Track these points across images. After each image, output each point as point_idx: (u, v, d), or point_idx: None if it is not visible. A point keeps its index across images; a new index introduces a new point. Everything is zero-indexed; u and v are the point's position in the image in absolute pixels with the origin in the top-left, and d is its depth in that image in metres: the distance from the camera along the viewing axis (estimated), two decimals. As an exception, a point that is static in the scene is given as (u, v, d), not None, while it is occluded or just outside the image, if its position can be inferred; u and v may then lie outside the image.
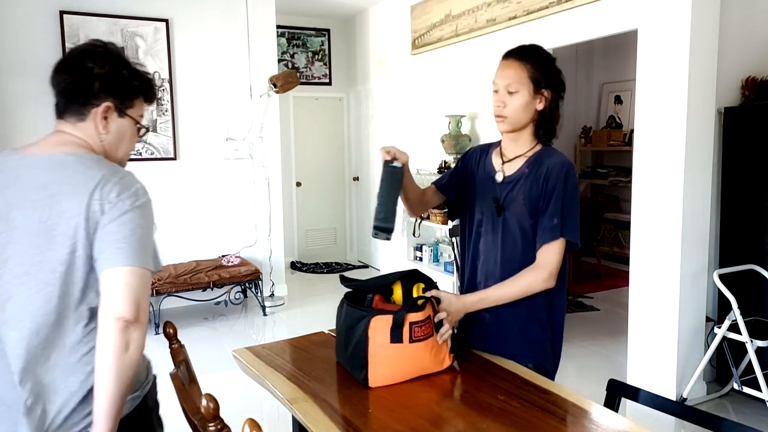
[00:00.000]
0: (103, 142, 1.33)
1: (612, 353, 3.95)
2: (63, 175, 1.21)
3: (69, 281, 1.19)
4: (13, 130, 4.60)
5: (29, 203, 1.20)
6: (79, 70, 1.28)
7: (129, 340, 1.17)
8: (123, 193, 1.21)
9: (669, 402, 1.53)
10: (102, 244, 1.19)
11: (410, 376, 1.51)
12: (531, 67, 1.60)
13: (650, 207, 3.26)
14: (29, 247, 1.19)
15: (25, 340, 1.18)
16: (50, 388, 1.19)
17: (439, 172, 4.81)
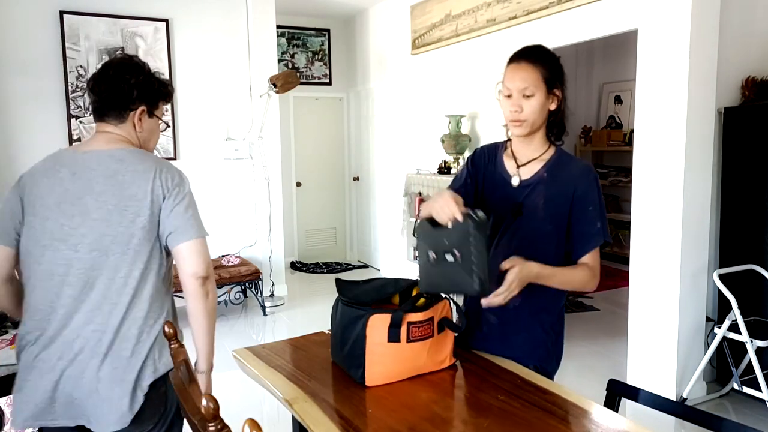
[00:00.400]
0: (140, 138, 1.66)
1: (612, 353, 3.95)
2: (124, 166, 1.53)
3: (139, 250, 1.51)
4: (13, 130, 4.61)
5: (99, 189, 1.50)
6: (120, 81, 1.57)
7: (207, 290, 1.57)
8: (176, 180, 1.57)
9: (669, 402, 1.53)
10: (173, 222, 1.53)
11: (406, 376, 1.51)
12: (543, 68, 1.58)
13: (650, 207, 3.26)
14: (104, 225, 1.48)
15: (105, 301, 1.49)
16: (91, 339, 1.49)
17: (440, 172, 4.81)
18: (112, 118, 1.60)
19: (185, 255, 1.54)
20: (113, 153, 1.55)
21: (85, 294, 1.48)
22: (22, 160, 4.65)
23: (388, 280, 1.65)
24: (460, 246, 1.36)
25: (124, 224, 1.49)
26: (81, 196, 1.50)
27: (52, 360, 1.47)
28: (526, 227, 1.63)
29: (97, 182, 1.51)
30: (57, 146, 5.01)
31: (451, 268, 1.38)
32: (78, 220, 1.49)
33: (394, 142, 6.10)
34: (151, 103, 1.65)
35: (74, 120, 4.77)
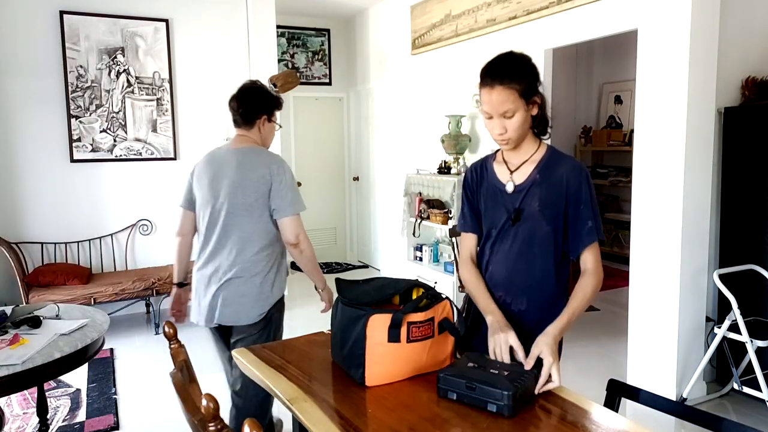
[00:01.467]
0: (262, 138, 2.42)
1: (612, 353, 3.95)
2: (247, 159, 2.29)
3: (254, 213, 2.25)
4: (13, 130, 4.61)
5: (231, 173, 2.26)
6: (250, 101, 2.37)
7: (300, 250, 2.31)
8: (281, 168, 2.28)
9: (669, 402, 1.53)
10: (278, 201, 2.25)
11: (406, 376, 1.51)
12: (517, 85, 1.55)
13: (650, 207, 3.26)
14: (233, 197, 2.25)
15: (236, 244, 2.26)
16: (230, 273, 2.26)
17: (440, 172, 4.81)
18: (245, 125, 2.38)
19: (282, 228, 2.28)
20: (242, 150, 2.32)
21: (225, 239, 2.27)
22: (23, 160, 4.65)
23: (388, 280, 1.65)
24: (512, 372, 1.42)
25: (246, 197, 2.23)
26: (221, 178, 2.28)
27: (208, 281, 2.28)
28: (525, 231, 1.64)
29: (230, 169, 2.27)
30: (57, 146, 5.02)
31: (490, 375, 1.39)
32: (220, 193, 2.27)
33: (394, 142, 6.10)
34: (269, 112, 2.40)
35: (74, 120, 4.77)
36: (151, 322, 4.74)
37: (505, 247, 1.67)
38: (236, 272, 2.24)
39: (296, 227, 2.26)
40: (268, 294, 2.27)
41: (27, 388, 2.17)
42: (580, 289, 1.61)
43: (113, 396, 3.41)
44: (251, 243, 2.25)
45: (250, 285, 2.24)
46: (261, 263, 2.26)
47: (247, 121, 2.36)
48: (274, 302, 2.29)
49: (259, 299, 2.26)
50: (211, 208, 2.29)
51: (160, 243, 5.17)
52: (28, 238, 4.70)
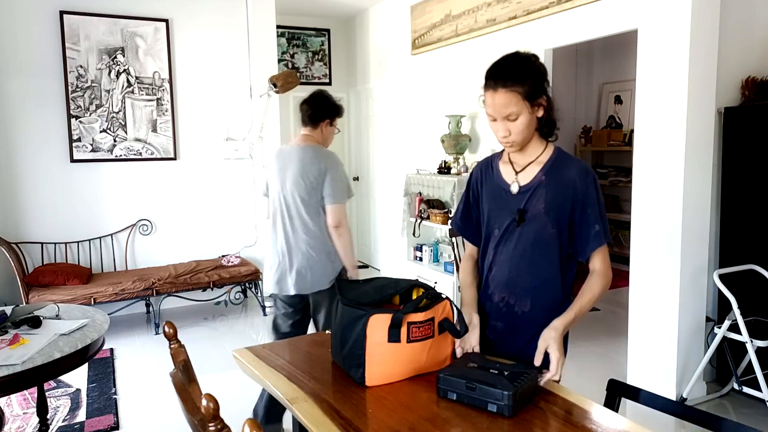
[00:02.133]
0: (323, 138, 2.83)
1: (612, 353, 3.95)
2: (307, 154, 2.71)
3: (311, 200, 2.68)
4: (13, 130, 4.61)
5: (295, 166, 2.70)
6: (319, 106, 2.84)
7: (339, 233, 2.71)
8: (334, 164, 2.72)
9: (669, 402, 1.53)
10: (326, 191, 2.67)
11: (406, 376, 1.51)
12: (520, 87, 1.53)
13: (650, 207, 3.26)
14: (295, 186, 2.69)
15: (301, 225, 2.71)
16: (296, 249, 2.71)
17: (439, 172, 4.81)
18: (310, 126, 2.81)
19: (327, 213, 2.70)
20: (303, 147, 2.74)
21: (290, 222, 2.72)
22: (23, 160, 4.65)
23: (388, 280, 1.65)
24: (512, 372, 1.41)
25: (304, 186, 2.67)
26: (286, 170, 2.73)
27: (282, 261, 2.73)
28: (530, 232, 1.63)
29: (293, 162, 2.71)
30: (57, 146, 5.03)
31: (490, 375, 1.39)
32: (285, 182, 2.72)
33: (394, 142, 6.10)
34: (332, 117, 2.84)
35: (74, 120, 4.77)
36: (151, 322, 4.74)
37: (509, 248, 1.66)
38: (305, 249, 2.68)
39: (338, 214, 2.69)
40: (333, 265, 2.71)
41: (27, 388, 2.16)
42: (587, 288, 1.61)
43: (113, 396, 3.41)
44: (313, 224, 2.69)
45: (318, 259, 2.68)
46: (323, 241, 2.70)
47: (314, 122, 2.80)
48: (338, 271, 2.73)
49: (326, 270, 2.69)
50: (278, 195, 2.77)
51: (160, 243, 5.17)
52: (28, 238, 4.70)
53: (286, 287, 2.72)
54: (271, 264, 2.78)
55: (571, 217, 1.62)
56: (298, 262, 2.68)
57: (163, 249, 5.18)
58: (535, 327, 1.64)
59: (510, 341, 1.67)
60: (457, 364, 1.49)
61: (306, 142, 2.77)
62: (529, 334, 1.65)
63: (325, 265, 2.69)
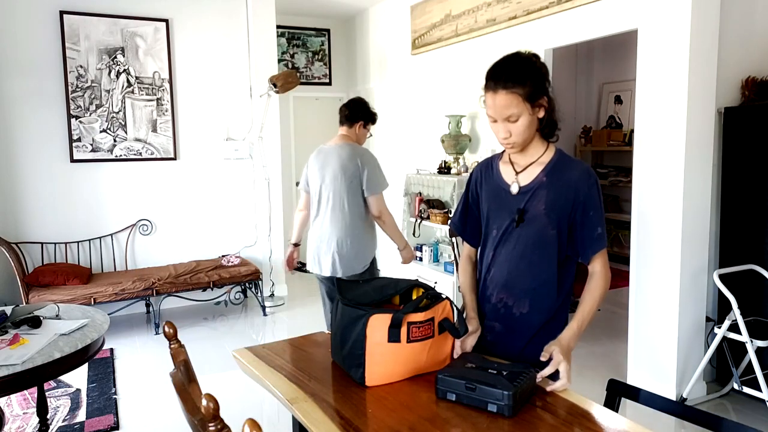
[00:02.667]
0: (357, 137, 3.17)
1: (612, 353, 3.95)
2: (344, 152, 3.03)
3: (349, 192, 3.01)
4: (13, 130, 4.61)
5: (332, 162, 3.03)
6: (356, 108, 3.15)
7: (383, 221, 3.12)
8: (369, 159, 3.07)
9: (669, 402, 1.52)
10: (366, 183, 2.99)
11: (406, 376, 1.51)
12: (521, 89, 1.52)
13: (650, 207, 3.26)
14: (334, 180, 3.01)
15: (339, 215, 3.03)
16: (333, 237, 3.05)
17: (440, 172, 4.81)
18: (347, 126, 3.15)
19: (369, 203, 3.06)
20: (341, 145, 3.07)
21: (331, 212, 3.04)
22: (23, 160, 4.65)
23: (388, 280, 1.65)
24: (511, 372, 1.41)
25: (343, 180, 2.99)
26: (325, 166, 3.06)
27: (321, 246, 3.07)
28: (529, 233, 1.62)
29: (332, 159, 3.05)
30: (57, 146, 5.04)
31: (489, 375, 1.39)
32: (325, 177, 3.05)
33: (394, 142, 6.10)
34: (365, 121, 3.18)
35: (74, 120, 4.77)
36: (151, 322, 4.74)
37: (508, 248, 1.65)
38: (343, 237, 3.01)
39: (379, 203, 3.07)
40: (370, 249, 3.11)
41: (27, 388, 2.16)
42: (588, 292, 1.61)
43: (113, 396, 3.41)
44: (351, 214, 3.02)
45: (352, 247, 3.02)
46: (359, 230, 3.05)
47: (350, 122, 3.15)
48: (372, 257, 3.12)
49: (362, 255, 3.06)
50: (319, 189, 3.08)
51: (160, 243, 5.17)
52: (28, 238, 4.70)
53: (323, 270, 3.08)
54: (311, 250, 3.17)
55: (572, 219, 1.61)
56: (333, 249, 3.02)
57: (163, 249, 5.18)
58: (533, 329, 1.64)
59: (508, 342, 1.67)
60: (455, 364, 1.49)
61: (343, 141, 3.11)
62: (527, 335, 1.65)
63: (358, 252, 3.03)
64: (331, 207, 3.03)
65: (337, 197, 3.01)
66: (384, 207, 3.09)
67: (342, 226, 3.01)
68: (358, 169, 2.98)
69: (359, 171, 2.99)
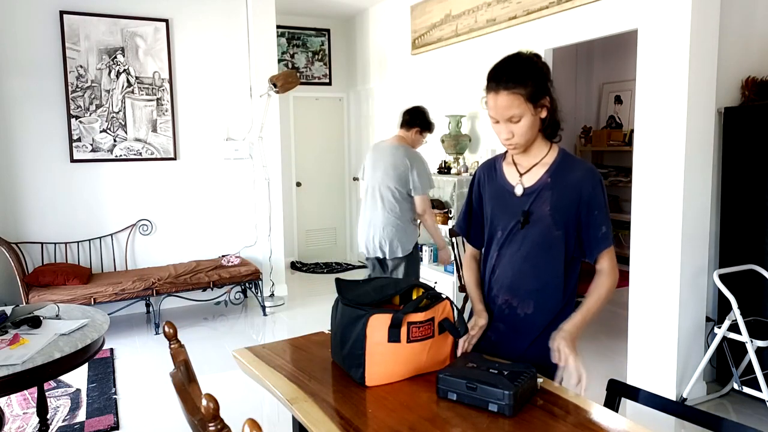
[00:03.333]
0: (412, 142, 3.52)
1: (612, 353, 3.95)
2: (398, 152, 3.42)
3: (398, 189, 3.40)
4: (13, 130, 4.61)
5: (385, 159, 3.44)
6: (414, 115, 3.51)
7: (425, 219, 3.51)
8: (418, 161, 3.41)
9: (669, 402, 1.53)
10: (412, 183, 3.38)
11: (406, 376, 1.51)
12: (523, 89, 1.51)
13: (650, 207, 3.26)
14: (385, 176, 3.43)
15: (386, 206, 3.44)
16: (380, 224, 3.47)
17: (439, 172, 4.81)
18: (404, 129, 3.51)
19: (415, 201, 3.44)
20: (396, 146, 3.45)
21: (380, 202, 3.43)
22: (23, 160, 4.65)
23: (388, 280, 1.65)
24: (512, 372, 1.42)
25: (393, 176, 3.38)
26: (379, 161, 3.46)
27: (369, 230, 3.50)
28: (534, 234, 1.61)
29: (384, 157, 3.44)
30: (57, 146, 5.05)
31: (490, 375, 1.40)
32: (377, 173, 3.45)
33: (394, 142, 6.09)
34: (421, 128, 3.51)
35: (74, 120, 4.77)
36: (151, 322, 4.74)
37: (513, 249, 1.65)
38: (389, 224, 3.41)
39: (422, 203, 3.44)
40: (410, 239, 3.47)
41: (27, 388, 2.16)
42: (594, 288, 1.62)
43: (113, 396, 3.41)
44: (396, 206, 3.42)
45: (396, 234, 3.42)
46: (404, 220, 3.43)
47: (408, 126, 3.51)
48: (413, 244, 3.50)
49: (405, 241, 3.44)
50: (371, 181, 3.50)
51: (160, 243, 5.17)
52: (28, 238, 4.70)
53: (371, 252, 3.53)
54: (361, 232, 3.59)
55: (577, 219, 1.61)
56: (380, 234, 3.44)
57: (163, 249, 5.18)
58: (537, 330, 1.64)
59: (512, 343, 1.67)
60: (455, 364, 1.49)
61: (399, 142, 3.49)
62: (531, 336, 1.64)
63: (400, 239, 3.44)
64: (380, 198, 3.44)
65: (386, 191, 3.42)
66: (428, 206, 3.48)
67: (387, 217, 3.42)
68: (407, 168, 3.36)
69: (408, 170, 3.36)
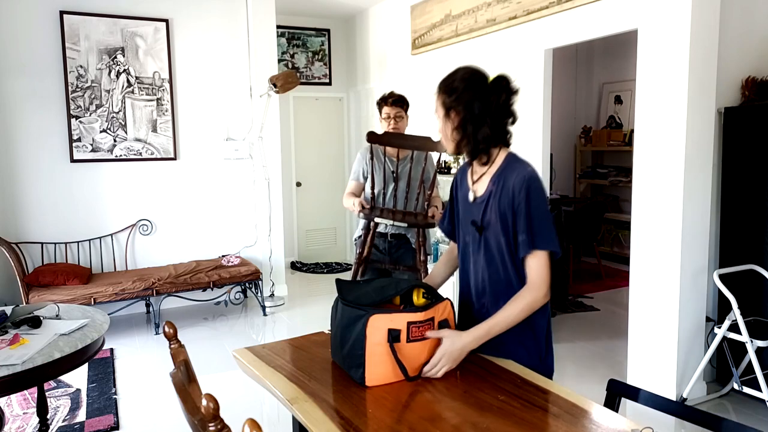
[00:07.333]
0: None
1: (612, 353, 3.95)
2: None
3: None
4: (13, 130, 4.61)
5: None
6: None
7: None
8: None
9: (669, 402, 1.53)
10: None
11: (407, 376, 1.51)
12: (443, 96, 1.66)
13: (650, 207, 3.26)
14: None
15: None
16: None
17: (440, 172, 4.80)
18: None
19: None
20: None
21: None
22: (23, 160, 4.65)
23: (388, 281, 1.65)
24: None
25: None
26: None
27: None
28: (490, 242, 1.67)
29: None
30: (57, 146, 5.05)
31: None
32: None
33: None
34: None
35: (74, 120, 4.77)
36: (151, 322, 4.74)
37: (479, 255, 1.71)
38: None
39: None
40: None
41: (27, 388, 2.17)
42: (513, 301, 1.59)
43: (113, 396, 3.41)
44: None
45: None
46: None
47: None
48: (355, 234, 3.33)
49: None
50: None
51: (160, 243, 5.17)
52: (28, 238, 4.70)
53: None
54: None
55: (513, 224, 1.62)
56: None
57: (163, 249, 5.18)
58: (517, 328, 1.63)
59: (496, 343, 1.67)
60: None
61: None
62: (512, 335, 1.65)
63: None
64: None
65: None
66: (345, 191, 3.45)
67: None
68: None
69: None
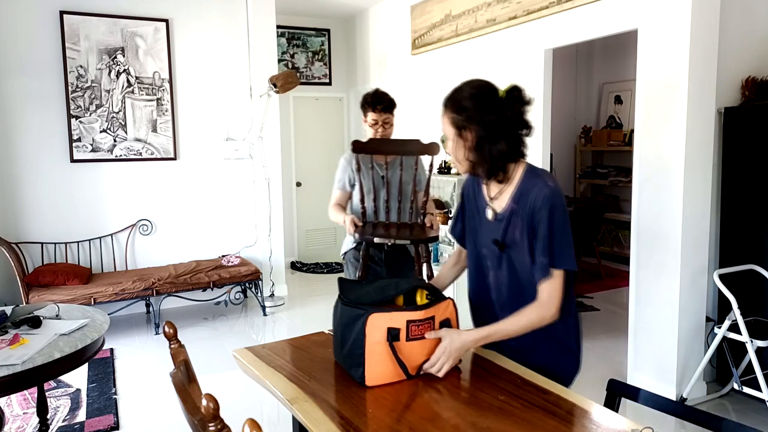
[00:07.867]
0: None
1: (612, 353, 3.95)
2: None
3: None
4: (13, 130, 4.61)
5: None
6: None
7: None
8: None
9: (669, 402, 1.53)
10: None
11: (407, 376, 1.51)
12: (452, 115, 1.61)
13: (650, 207, 3.26)
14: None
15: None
16: None
17: (439, 171, 4.80)
18: None
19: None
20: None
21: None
22: (23, 160, 4.65)
23: (389, 281, 1.65)
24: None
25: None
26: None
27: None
28: (514, 259, 1.64)
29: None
30: (57, 146, 5.06)
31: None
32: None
33: (394, 142, 6.09)
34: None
35: (74, 120, 4.77)
36: (151, 322, 4.74)
37: (503, 271, 1.68)
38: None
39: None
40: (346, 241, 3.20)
41: (27, 388, 2.17)
42: (520, 313, 1.58)
43: (113, 396, 3.41)
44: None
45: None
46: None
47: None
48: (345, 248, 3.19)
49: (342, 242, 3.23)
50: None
51: (160, 243, 5.17)
52: (28, 238, 4.70)
53: None
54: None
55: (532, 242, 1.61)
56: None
57: (163, 249, 5.18)
58: (540, 339, 1.63)
59: (523, 354, 1.66)
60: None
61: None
62: (541, 346, 1.65)
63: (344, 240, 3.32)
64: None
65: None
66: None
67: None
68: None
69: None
